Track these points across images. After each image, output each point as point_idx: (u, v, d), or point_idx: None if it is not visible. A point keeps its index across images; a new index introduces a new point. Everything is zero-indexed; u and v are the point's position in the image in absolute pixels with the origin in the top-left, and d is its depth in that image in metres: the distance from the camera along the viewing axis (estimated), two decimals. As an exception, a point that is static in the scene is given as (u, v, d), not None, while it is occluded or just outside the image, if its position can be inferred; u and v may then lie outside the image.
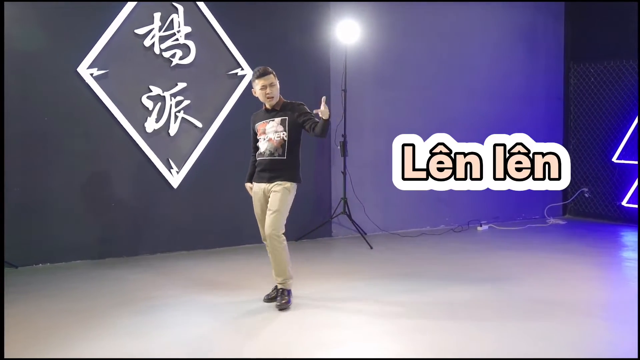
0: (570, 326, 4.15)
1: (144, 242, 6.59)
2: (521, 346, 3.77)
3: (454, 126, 8.50)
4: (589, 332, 4.05)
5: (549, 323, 4.21)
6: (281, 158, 4.69)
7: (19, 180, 5.97)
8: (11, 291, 5.08)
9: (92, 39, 6.17)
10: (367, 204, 7.76)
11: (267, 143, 4.73)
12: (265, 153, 4.73)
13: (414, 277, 5.62)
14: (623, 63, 8.60)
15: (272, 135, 4.72)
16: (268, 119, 4.80)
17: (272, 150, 4.70)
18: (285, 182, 4.66)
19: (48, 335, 3.97)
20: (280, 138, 4.70)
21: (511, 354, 3.62)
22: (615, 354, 3.68)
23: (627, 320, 4.22)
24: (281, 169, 4.69)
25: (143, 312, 4.53)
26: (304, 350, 3.72)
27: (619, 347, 3.78)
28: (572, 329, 4.09)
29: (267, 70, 4.78)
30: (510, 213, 9.05)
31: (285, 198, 4.64)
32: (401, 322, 4.24)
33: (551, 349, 3.69)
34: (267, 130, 4.75)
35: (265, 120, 4.81)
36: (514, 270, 5.87)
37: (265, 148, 4.73)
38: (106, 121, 6.31)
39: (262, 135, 4.78)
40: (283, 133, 4.71)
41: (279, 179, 4.67)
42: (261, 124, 4.82)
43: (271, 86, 4.74)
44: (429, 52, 8.31)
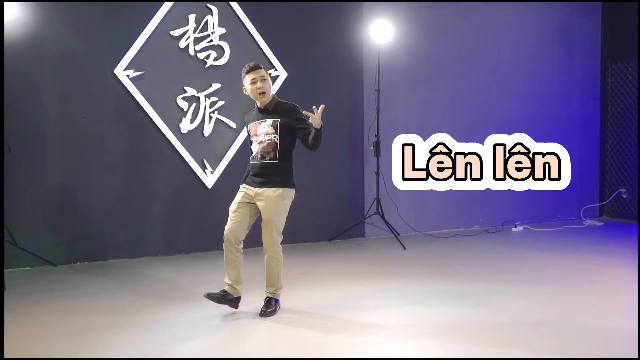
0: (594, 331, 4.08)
1: (180, 241, 6.66)
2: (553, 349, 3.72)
3: (488, 126, 8.44)
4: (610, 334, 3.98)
5: (576, 327, 4.14)
6: (272, 162, 4.43)
7: (57, 180, 6.08)
8: (50, 289, 5.18)
9: (129, 41, 6.26)
10: (400, 205, 7.73)
11: (258, 146, 4.48)
12: (256, 157, 4.49)
13: (448, 278, 5.57)
14: (663, 61, 8.43)
15: (263, 138, 4.45)
16: (260, 119, 4.53)
17: (264, 153, 4.44)
18: (277, 188, 4.41)
19: (87, 334, 4.02)
20: (272, 141, 4.43)
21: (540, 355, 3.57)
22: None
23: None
24: (273, 174, 4.43)
25: (178, 310, 4.57)
26: (338, 351, 3.72)
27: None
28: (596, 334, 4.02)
29: (257, 64, 4.53)
30: (545, 214, 8.94)
31: (280, 207, 4.42)
32: (435, 323, 4.20)
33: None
34: (258, 132, 4.49)
35: (257, 121, 4.53)
36: (548, 272, 5.78)
37: (257, 151, 4.49)
38: (142, 122, 6.39)
39: (254, 137, 4.52)
40: (274, 136, 4.43)
41: (270, 184, 4.42)
42: (253, 125, 4.56)
43: (262, 80, 4.44)
44: (463, 51, 8.25)
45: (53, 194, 6.08)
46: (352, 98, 7.57)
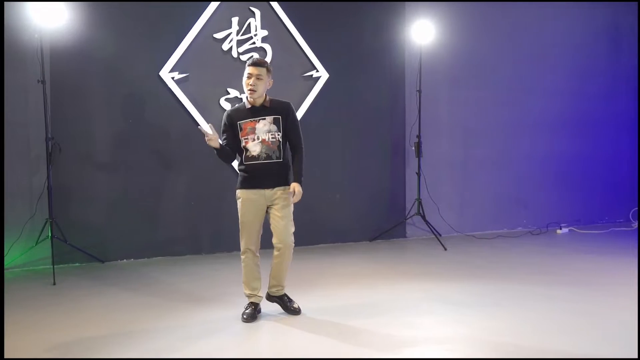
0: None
1: (222, 240, 6.79)
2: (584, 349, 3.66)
3: (533, 126, 8.35)
4: None
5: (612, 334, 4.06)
6: (279, 161, 4.30)
7: (105, 180, 6.28)
8: (97, 284, 5.36)
9: (174, 44, 6.42)
10: (442, 205, 7.71)
11: (260, 145, 4.27)
12: (260, 156, 4.27)
13: (488, 279, 5.53)
14: None
15: (265, 136, 4.27)
16: (256, 117, 4.30)
17: (269, 152, 4.27)
18: (285, 186, 4.33)
19: (129, 330, 4.16)
20: (276, 139, 4.28)
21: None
22: None
23: None
24: (281, 173, 4.33)
25: (218, 308, 4.67)
26: (375, 351, 3.75)
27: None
28: None
29: (261, 61, 4.31)
30: (592, 216, 8.78)
31: (290, 204, 4.36)
32: (473, 325, 4.19)
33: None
34: (257, 130, 4.27)
35: (252, 119, 4.30)
36: (591, 275, 5.67)
37: (260, 151, 4.27)
38: (186, 123, 6.54)
39: (251, 135, 4.27)
40: (277, 133, 4.29)
41: (282, 183, 4.31)
42: (247, 123, 4.30)
43: (257, 79, 4.23)
44: (506, 52, 8.17)
45: (101, 193, 6.29)
46: (394, 99, 7.58)
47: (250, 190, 4.31)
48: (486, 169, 8.11)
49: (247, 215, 4.34)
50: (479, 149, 8.05)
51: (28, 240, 5.89)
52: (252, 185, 4.31)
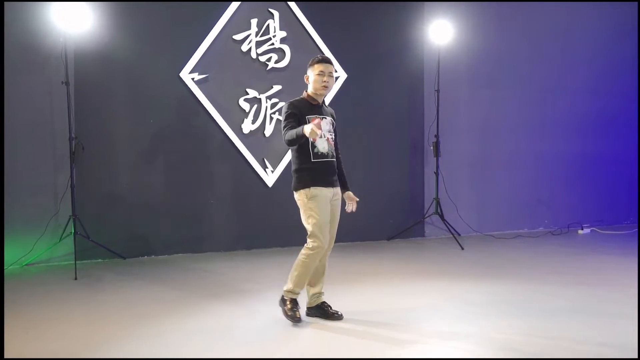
0: None
1: (241, 237, 6.91)
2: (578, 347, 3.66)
3: (555, 125, 8.30)
4: None
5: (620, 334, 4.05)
6: (335, 161, 4.34)
7: (127, 179, 6.45)
8: (118, 279, 5.52)
9: (194, 46, 6.56)
10: (461, 205, 7.72)
11: (326, 143, 4.26)
12: (328, 154, 4.26)
13: (502, 278, 5.54)
14: None
15: (329, 135, 4.28)
16: (319, 115, 4.28)
17: (332, 152, 4.29)
18: (339, 187, 4.36)
19: (142, 323, 4.28)
20: (333, 139, 4.33)
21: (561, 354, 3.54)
22: None
23: None
24: (335, 173, 4.35)
25: (232, 303, 4.77)
26: (379, 350, 3.80)
27: None
28: None
29: (329, 59, 4.33)
30: (616, 216, 8.69)
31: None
32: (480, 323, 4.22)
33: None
34: (323, 128, 4.22)
35: (318, 116, 4.26)
36: (605, 275, 5.64)
37: (327, 149, 4.26)
38: (206, 123, 6.67)
39: (320, 131, 4.08)
40: (332, 134, 4.32)
41: (337, 183, 4.35)
42: (314, 119, 4.20)
43: (329, 75, 4.25)
44: (527, 50, 8.14)
45: (123, 191, 6.45)
46: (412, 98, 7.61)
47: (324, 188, 4.22)
48: (506, 169, 8.08)
49: (325, 213, 4.22)
50: (498, 149, 8.04)
51: (52, 237, 6.08)
52: (326, 183, 4.24)
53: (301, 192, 4.23)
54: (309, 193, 4.19)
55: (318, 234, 4.18)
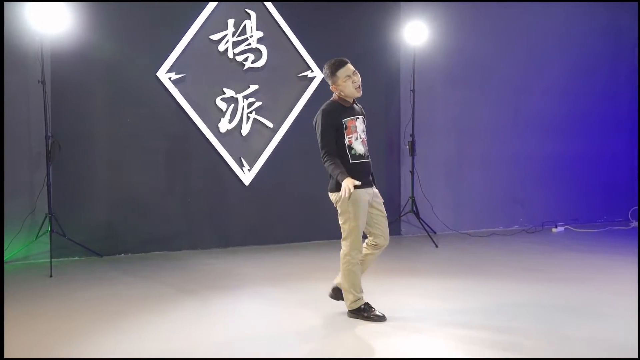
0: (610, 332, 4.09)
1: (218, 236, 6.97)
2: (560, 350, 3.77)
3: (529, 125, 8.42)
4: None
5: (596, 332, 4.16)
6: (369, 161, 4.33)
7: (104, 177, 6.50)
8: (93, 277, 5.58)
9: (170, 46, 6.62)
10: (437, 204, 7.82)
11: (361, 144, 4.23)
12: (364, 155, 4.24)
13: (470, 274, 5.65)
14: None
15: (363, 136, 4.26)
16: (353, 115, 4.25)
17: (367, 152, 4.28)
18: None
19: (117, 319, 4.35)
20: (366, 139, 4.29)
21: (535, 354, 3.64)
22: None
23: None
24: (371, 172, 4.36)
25: (207, 300, 4.85)
26: (353, 348, 3.89)
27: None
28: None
29: (346, 60, 4.29)
30: (590, 215, 8.82)
31: None
32: (443, 319, 4.32)
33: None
34: (357, 128, 4.22)
35: (352, 117, 4.24)
36: (574, 272, 5.76)
37: (363, 150, 4.24)
38: (183, 122, 6.74)
39: (354, 133, 4.20)
40: (365, 134, 4.29)
41: (373, 182, 4.38)
42: (351, 120, 4.22)
43: (355, 74, 4.24)
44: (501, 51, 8.25)
45: (100, 190, 6.51)
46: (389, 98, 7.71)
47: (364, 190, 4.19)
48: (481, 168, 8.19)
49: (363, 217, 4.21)
50: (474, 148, 8.14)
51: (29, 235, 6.13)
52: (366, 184, 4.22)
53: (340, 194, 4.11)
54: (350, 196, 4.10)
55: (353, 238, 4.19)
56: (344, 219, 4.21)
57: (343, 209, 4.19)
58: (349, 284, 4.27)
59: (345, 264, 4.26)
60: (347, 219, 4.18)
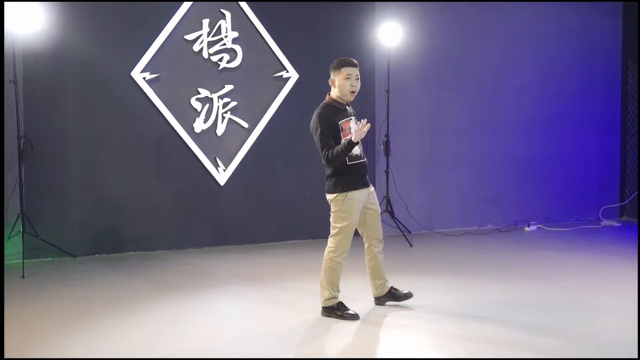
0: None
1: (193, 236, 6.97)
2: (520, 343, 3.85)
3: (504, 126, 8.53)
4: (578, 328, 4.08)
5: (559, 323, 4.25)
6: (365, 161, 4.43)
7: (78, 177, 6.47)
8: (66, 278, 5.57)
9: (145, 45, 6.60)
10: (411, 203, 7.89)
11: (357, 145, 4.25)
12: (360, 156, 4.34)
13: (443, 273, 5.74)
14: (682, 61, 8.35)
15: None
16: (347, 117, 4.36)
17: (362, 152, 4.38)
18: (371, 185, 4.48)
19: (90, 319, 4.35)
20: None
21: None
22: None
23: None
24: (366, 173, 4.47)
25: (183, 299, 4.85)
26: (328, 346, 3.93)
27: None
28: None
29: (355, 61, 4.36)
30: (562, 214, 8.95)
31: None
32: (417, 317, 4.38)
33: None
34: (352, 129, 4.25)
35: (346, 119, 4.34)
36: (545, 270, 5.86)
37: (359, 151, 4.33)
38: (158, 122, 6.72)
39: (350, 135, 4.21)
40: None
41: (369, 182, 4.46)
42: (345, 122, 4.32)
43: (357, 79, 4.33)
44: (475, 52, 8.34)
45: (74, 190, 6.47)
46: (363, 99, 7.73)
47: (360, 190, 4.31)
48: (455, 168, 8.28)
49: (355, 217, 4.33)
50: (448, 148, 8.23)
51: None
52: (362, 184, 4.34)
53: (338, 195, 4.28)
54: (346, 197, 4.26)
55: (342, 237, 4.30)
56: (337, 217, 4.31)
57: (338, 207, 4.29)
58: (327, 280, 4.34)
59: (328, 261, 4.33)
60: (340, 217, 4.28)
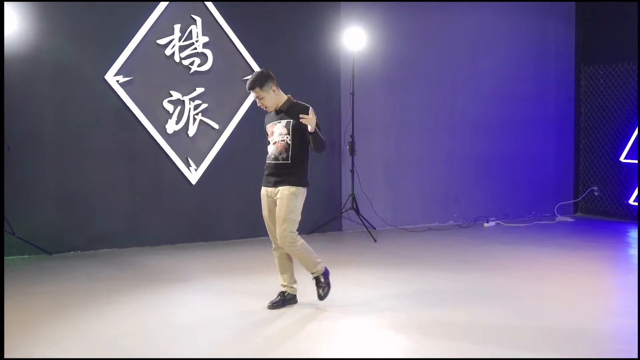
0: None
1: (165, 233, 7.22)
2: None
3: (464, 126, 8.93)
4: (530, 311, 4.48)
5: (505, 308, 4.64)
6: (285, 162, 4.60)
7: (53, 177, 6.68)
8: (43, 273, 5.81)
9: (118, 49, 6.84)
10: (376, 201, 8.24)
11: (273, 146, 4.67)
12: (270, 157, 4.68)
13: (403, 265, 6.10)
14: (631, 65, 8.82)
15: (277, 139, 4.64)
16: (276, 120, 4.70)
17: (277, 154, 4.63)
18: (290, 186, 4.58)
19: (67, 310, 4.61)
20: (285, 142, 4.60)
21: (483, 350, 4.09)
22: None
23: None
24: (285, 174, 4.61)
25: (155, 292, 5.13)
26: (295, 334, 4.25)
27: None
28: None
29: (251, 85, 4.60)
30: (520, 211, 9.38)
31: (292, 204, 4.57)
32: (377, 305, 4.73)
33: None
34: (274, 132, 4.66)
35: (274, 122, 4.71)
36: (501, 263, 6.26)
37: (271, 152, 4.68)
38: (131, 123, 6.97)
39: (270, 137, 4.70)
40: (287, 137, 4.60)
41: (283, 183, 4.59)
42: (270, 125, 4.74)
43: (260, 99, 4.64)
44: (437, 55, 8.69)
45: (50, 189, 6.68)
46: (330, 101, 8.08)
47: (263, 187, 4.77)
48: (418, 167, 8.65)
49: (263, 211, 4.82)
50: (411, 148, 8.59)
51: (-22, 234, 6.27)
52: (264, 184, 4.76)
53: (302, 189, 4.65)
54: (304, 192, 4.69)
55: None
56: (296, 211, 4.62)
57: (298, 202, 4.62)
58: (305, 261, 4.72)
59: (297, 249, 4.65)
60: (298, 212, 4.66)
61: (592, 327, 4.26)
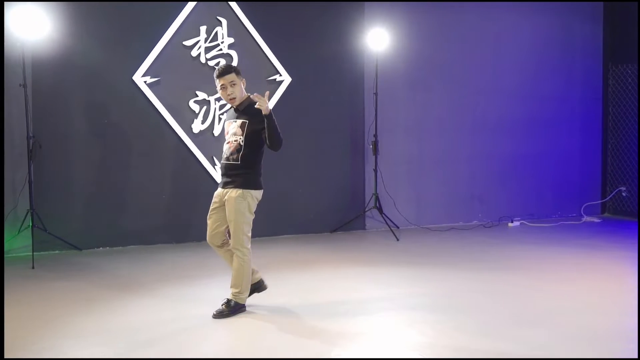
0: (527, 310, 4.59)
1: (192, 230, 7.37)
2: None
3: (487, 126, 8.93)
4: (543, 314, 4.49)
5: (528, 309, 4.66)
6: (235, 163, 4.44)
7: (83, 175, 6.88)
8: (71, 268, 5.99)
9: (146, 51, 7.01)
10: (400, 200, 8.29)
11: (226, 145, 4.53)
12: (223, 156, 4.55)
13: (425, 265, 6.14)
14: (659, 64, 8.74)
15: (231, 138, 4.49)
16: (233, 119, 4.55)
17: (228, 154, 4.48)
18: (237, 189, 4.43)
19: (93, 304, 4.77)
20: (237, 143, 4.44)
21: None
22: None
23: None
24: (234, 175, 4.45)
25: (179, 287, 5.27)
26: (308, 320, 4.34)
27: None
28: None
29: (227, 68, 4.44)
30: (546, 211, 9.34)
31: (240, 208, 4.42)
32: (395, 303, 4.79)
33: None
34: (229, 131, 4.54)
35: (230, 120, 4.58)
36: (521, 263, 6.26)
37: (224, 151, 4.54)
38: (158, 123, 7.14)
39: (226, 135, 4.58)
40: (240, 137, 4.43)
41: (231, 185, 4.45)
42: (228, 123, 4.61)
43: (232, 85, 4.41)
44: (461, 54, 8.71)
45: (80, 187, 6.89)
46: (353, 101, 8.16)
47: (218, 188, 4.62)
48: (442, 166, 8.67)
49: (210, 211, 4.63)
50: (434, 147, 8.62)
51: (11, 229, 6.49)
52: (221, 184, 4.60)
53: (253, 192, 4.48)
54: (259, 196, 4.56)
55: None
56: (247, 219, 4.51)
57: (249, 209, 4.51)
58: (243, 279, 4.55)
59: (243, 262, 4.56)
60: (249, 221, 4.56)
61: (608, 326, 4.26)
